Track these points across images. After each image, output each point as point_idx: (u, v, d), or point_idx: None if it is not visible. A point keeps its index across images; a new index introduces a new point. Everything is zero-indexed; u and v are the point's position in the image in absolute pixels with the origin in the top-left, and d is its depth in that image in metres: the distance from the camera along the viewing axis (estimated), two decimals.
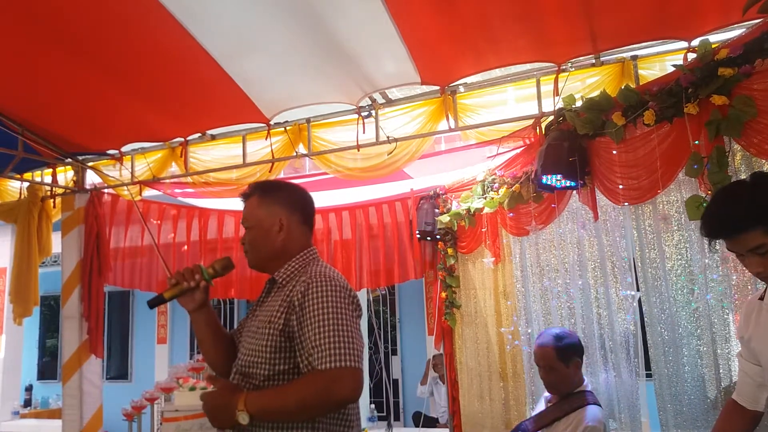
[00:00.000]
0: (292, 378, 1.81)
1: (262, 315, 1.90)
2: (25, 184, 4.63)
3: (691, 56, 2.63)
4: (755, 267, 1.69)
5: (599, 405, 2.82)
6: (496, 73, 3.47)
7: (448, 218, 4.22)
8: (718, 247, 2.27)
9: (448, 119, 3.51)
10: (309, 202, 2.07)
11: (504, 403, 3.84)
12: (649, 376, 2.77)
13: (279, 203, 1.99)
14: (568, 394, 2.85)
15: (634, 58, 3.09)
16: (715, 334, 2.42)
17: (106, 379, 9.09)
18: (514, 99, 3.46)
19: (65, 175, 4.73)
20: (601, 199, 2.91)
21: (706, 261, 2.42)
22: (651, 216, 2.66)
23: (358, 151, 3.71)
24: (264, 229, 1.97)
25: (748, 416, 1.96)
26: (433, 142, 3.86)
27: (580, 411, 2.76)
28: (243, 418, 1.71)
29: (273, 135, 3.88)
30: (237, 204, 5.57)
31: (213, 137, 4.16)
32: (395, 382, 8.64)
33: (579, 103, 2.91)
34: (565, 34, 2.95)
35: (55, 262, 7.51)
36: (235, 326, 2.13)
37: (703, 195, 2.25)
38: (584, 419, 2.71)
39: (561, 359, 2.84)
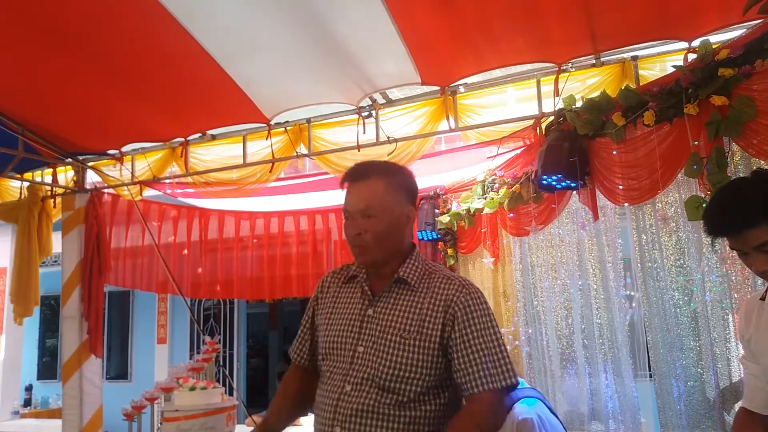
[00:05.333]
0: (438, 395, 1.68)
1: (399, 321, 1.69)
2: (26, 184, 4.63)
3: (692, 56, 2.63)
4: (761, 265, 1.61)
5: (532, 396, 2.84)
6: (497, 73, 3.47)
7: (448, 218, 4.22)
8: (717, 247, 2.26)
9: (448, 119, 3.51)
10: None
11: None
12: (648, 376, 2.77)
13: (405, 192, 1.74)
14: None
15: (635, 58, 3.09)
16: (714, 334, 2.41)
17: (106, 379, 9.08)
18: (515, 99, 3.46)
19: (65, 175, 4.73)
20: (601, 199, 2.91)
21: (705, 261, 2.42)
22: (650, 216, 2.66)
23: (359, 151, 3.71)
24: (394, 219, 1.71)
25: (762, 423, 1.83)
26: (434, 143, 3.86)
27: (511, 411, 2.80)
28: None
29: (273, 135, 3.88)
30: (237, 204, 5.53)
31: (213, 137, 4.16)
32: None
33: (579, 104, 2.91)
34: (565, 34, 2.95)
35: (55, 262, 7.51)
36: (236, 326, 2.03)
37: (703, 195, 2.25)
38: (515, 418, 2.76)
39: None
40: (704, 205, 2.19)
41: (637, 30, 2.88)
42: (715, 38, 2.60)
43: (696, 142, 2.29)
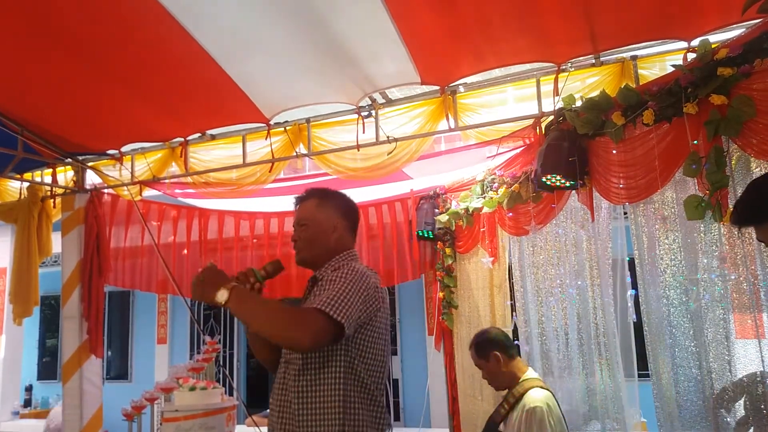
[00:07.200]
0: (329, 364, 2.00)
1: None
2: (25, 184, 4.63)
3: (691, 56, 2.63)
4: None
5: (543, 388, 2.88)
6: (496, 73, 3.47)
7: (447, 218, 4.22)
8: (723, 245, 2.26)
9: (448, 119, 3.51)
10: (357, 212, 2.33)
11: (496, 403, 3.84)
12: (646, 376, 2.77)
13: (337, 210, 2.24)
14: (515, 386, 2.96)
15: (634, 58, 3.09)
16: (713, 334, 2.41)
17: (106, 379, 9.09)
18: (514, 99, 3.46)
19: (65, 175, 4.73)
20: (600, 199, 2.92)
21: (704, 261, 2.42)
22: (649, 216, 2.66)
23: (358, 151, 3.71)
24: (321, 228, 2.20)
25: None
26: (433, 142, 3.86)
27: (523, 398, 2.89)
28: (222, 295, 1.95)
29: (273, 135, 3.88)
30: (237, 204, 5.52)
31: (213, 137, 4.16)
32: (395, 382, 8.63)
33: (579, 103, 2.91)
34: (565, 34, 2.95)
35: (55, 262, 7.51)
36: (236, 326, 2.21)
37: (701, 195, 2.25)
38: (526, 405, 2.84)
39: (480, 356, 3.05)
40: (703, 204, 2.19)
41: (637, 30, 2.88)
42: (715, 38, 2.60)
43: (695, 142, 2.29)
